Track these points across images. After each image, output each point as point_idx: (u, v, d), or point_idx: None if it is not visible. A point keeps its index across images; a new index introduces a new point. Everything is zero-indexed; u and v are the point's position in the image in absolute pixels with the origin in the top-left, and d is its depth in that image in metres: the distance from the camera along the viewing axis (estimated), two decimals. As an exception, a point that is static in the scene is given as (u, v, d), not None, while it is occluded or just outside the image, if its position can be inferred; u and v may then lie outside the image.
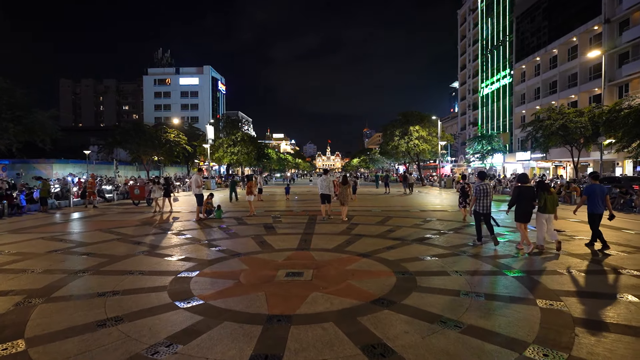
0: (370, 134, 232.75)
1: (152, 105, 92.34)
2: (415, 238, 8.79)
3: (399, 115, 39.18)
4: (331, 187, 12.94)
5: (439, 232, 9.71)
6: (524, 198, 7.34)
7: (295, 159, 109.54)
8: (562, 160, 40.57)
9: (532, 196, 7.40)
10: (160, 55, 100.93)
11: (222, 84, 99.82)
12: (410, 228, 10.27)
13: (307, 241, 8.39)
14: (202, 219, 11.97)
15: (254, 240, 8.52)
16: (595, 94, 37.74)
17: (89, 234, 9.79)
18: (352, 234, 9.24)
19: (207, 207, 12.47)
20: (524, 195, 7.34)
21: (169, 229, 10.30)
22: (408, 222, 11.51)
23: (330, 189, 12.73)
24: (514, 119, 52.67)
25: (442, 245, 8.05)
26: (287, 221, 11.76)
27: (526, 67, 49.55)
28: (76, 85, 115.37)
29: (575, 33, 39.47)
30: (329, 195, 12.61)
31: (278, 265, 6.29)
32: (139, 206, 17.54)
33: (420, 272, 5.89)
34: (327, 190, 12.58)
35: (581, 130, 29.11)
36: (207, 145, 36.15)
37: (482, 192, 7.81)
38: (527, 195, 7.35)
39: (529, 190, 7.41)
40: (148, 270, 6.11)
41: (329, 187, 12.68)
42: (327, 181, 12.69)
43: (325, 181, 12.65)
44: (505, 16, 56.00)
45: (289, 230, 10.08)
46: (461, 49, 73.30)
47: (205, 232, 9.73)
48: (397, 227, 10.45)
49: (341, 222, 11.44)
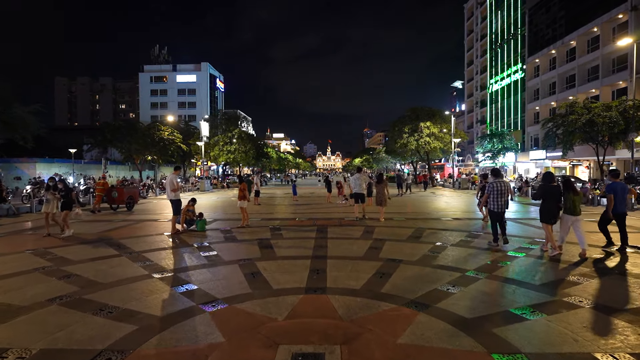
0: (370, 134, 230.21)
1: (148, 103, 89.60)
2: (478, 266, 6.05)
3: (407, 111, 36.48)
4: (365, 185, 12.09)
5: (504, 253, 6.98)
6: (550, 197, 7.01)
7: (296, 158, 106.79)
8: (580, 159, 37.94)
9: (558, 196, 6.98)
10: (157, 52, 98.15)
11: (220, 81, 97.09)
12: (459, 247, 7.52)
13: (321, 272, 5.67)
14: (180, 233, 9.24)
15: (242, 271, 5.80)
16: (619, 87, 35.03)
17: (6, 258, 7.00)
18: (383, 258, 6.52)
19: (187, 217, 9.74)
20: (550, 194, 7.01)
21: (127, 249, 7.55)
22: (448, 236, 8.78)
23: (364, 187, 12.01)
24: (527, 116, 49.96)
25: (531, 282, 5.28)
26: (289, 235, 9.04)
27: (540, 61, 46.85)
28: (72, 83, 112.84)
29: (597, 23, 36.76)
30: (363, 194, 11.97)
31: (277, 333, 3.58)
32: (116, 212, 14.83)
33: (544, 355, 3.16)
34: (360, 189, 11.96)
35: (610, 126, 26.51)
36: (201, 143, 33.35)
37: (496, 190, 7.52)
38: (553, 195, 6.99)
39: (555, 189, 7.04)
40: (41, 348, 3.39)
41: (362, 185, 12.01)
42: (360, 179, 12.04)
43: (359, 179, 12.03)
44: (516, 8, 53.30)
45: (292, 250, 7.36)
46: (468, 44, 70.57)
47: (176, 256, 6.99)
48: (439, 245, 7.72)
49: (360, 235, 8.77)
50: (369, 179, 17.44)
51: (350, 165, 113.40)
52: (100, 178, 18.71)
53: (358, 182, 12.05)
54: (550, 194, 6.99)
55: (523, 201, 19.18)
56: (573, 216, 6.74)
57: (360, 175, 12.32)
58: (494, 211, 7.60)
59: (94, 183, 20.95)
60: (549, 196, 7.00)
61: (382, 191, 11.48)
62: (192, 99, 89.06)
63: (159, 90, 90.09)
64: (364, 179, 12.41)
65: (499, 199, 7.52)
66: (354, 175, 12.57)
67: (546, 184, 7.15)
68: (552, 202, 6.97)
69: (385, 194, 11.57)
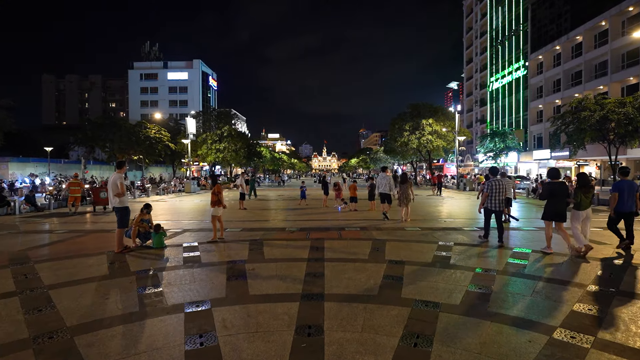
0: (366, 134, 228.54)
1: (137, 101, 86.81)
2: (568, 319, 3.87)
3: (408, 108, 34.36)
4: (392, 185, 11.83)
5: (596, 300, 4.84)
6: (556, 195, 6.75)
7: (291, 159, 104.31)
8: (587, 159, 36.17)
9: (564, 193, 6.78)
10: (147, 49, 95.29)
11: (213, 79, 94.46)
12: (516, 277, 5.35)
13: (314, 334, 3.46)
14: (129, 250, 6.98)
15: (187, 331, 3.57)
16: (630, 83, 33.28)
17: None
18: (409, 299, 4.33)
19: (140, 228, 7.48)
20: (556, 192, 6.75)
21: (35, 281, 5.25)
22: (489, 256, 6.62)
23: (391, 187, 11.77)
24: (529, 114, 48.19)
25: None
26: (273, 254, 6.81)
27: (544, 58, 45.09)
28: (60, 81, 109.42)
29: (605, 16, 35.02)
30: (389, 194, 11.71)
31: None
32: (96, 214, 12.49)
33: None
34: (387, 189, 11.74)
35: (625, 123, 24.69)
36: (187, 141, 30.95)
37: (494, 188, 7.52)
38: (559, 192, 6.74)
39: (561, 186, 6.81)
40: None
41: (389, 185, 11.77)
42: (386, 179, 11.85)
43: (385, 179, 11.88)
44: (518, 4, 51.52)
45: (273, 283, 5.10)
46: (467, 42, 68.76)
47: (97, 296, 4.68)
48: (484, 274, 5.55)
49: (368, 254, 6.59)
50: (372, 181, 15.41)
51: (347, 166, 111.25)
52: (72, 177, 16.49)
53: (384, 182, 11.84)
54: (557, 192, 6.74)
55: (537, 203, 17.12)
56: (582, 211, 6.72)
57: (386, 175, 12.12)
58: (489, 209, 7.62)
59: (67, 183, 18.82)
60: (554, 195, 6.76)
61: (406, 191, 11.04)
62: (184, 97, 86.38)
63: (149, 88, 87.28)
64: (390, 178, 12.07)
65: (496, 197, 7.51)
66: (380, 175, 12.44)
67: (552, 182, 6.93)
68: (559, 200, 6.74)
69: (410, 193, 11.10)
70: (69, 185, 14.86)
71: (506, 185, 10.73)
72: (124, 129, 35.73)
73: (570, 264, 5.99)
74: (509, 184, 11.02)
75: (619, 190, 7.05)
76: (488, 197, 7.57)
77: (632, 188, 7.06)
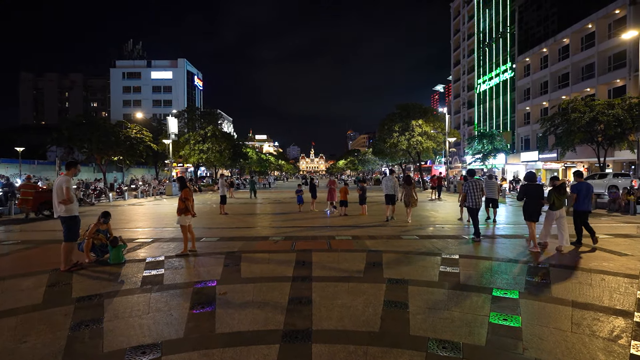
0: (354, 136, 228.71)
1: (120, 100, 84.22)
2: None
3: (397, 108, 33.62)
4: (397, 187, 12.14)
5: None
6: (531, 197, 7.27)
7: (278, 160, 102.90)
8: (574, 161, 36.22)
9: (539, 195, 7.27)
10: (130, 47, 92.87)
11: (198, 79, 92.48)
12: (538, 302, 4.46)
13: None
14: (79, 267, 5.86)
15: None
16: (617, 85, 33.35)
17: None
18: (419, 337, 3.40)
19: (96, 241, 6.35)
20: (531, 194, 7.28)
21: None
22: (501, 273, 5.74)
23: (396, 189, 12.09)
24: (517, 116, 48.21)
25: None
26: (252, 271, 5.77)
27: (531, 60, 45.15)
28: (38, 79, 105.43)
29: (592, 19, 35.10)
30: (394, 195, 12.05)
31: None
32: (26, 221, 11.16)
33: None
34: (392, 191, 12.06)
35: (614, 125, 24.56)
36: (169, 141, 29.53)
37: (471, 188, 8.19)
38: (534, 194, 7.27)
39: (536, 188, 7.31)
40: None
41: (394, 187, 12.08)
42: (392, 181, 12.16)
43: (391, 181, 12.18)
44: (505, 6, 51.63)
45: (248, 313, 4.08)
46: (454, 44, 68.84)
47: (15, 339, 3.61)
48: (502, 298, 4.64)
49: (363, 270, 5.64)
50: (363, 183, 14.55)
51: (334, 168, 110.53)
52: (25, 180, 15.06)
53: (390, 184, 12.10)
54: (533, 194, 7.25)
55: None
56: (556, 211, 7.20)
57: (392, 177, 12.40)
58: (471, 207, 8.23)
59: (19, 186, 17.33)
60: (531, 195, 7.26)
61: (410, 193, 11.24)
62: (168, 96, 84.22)
63: (132, 87, 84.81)
64: (395, 180, 12.34)
65: (474, 196, 8.18)
66: (386, 177, 12.79)
67: (528, 184, 7.40)
68: (534, 201, 7.23)
69: (413, 195, 11.24)
70: (20, 187, 13.50)
71: (491, 186, 11.61)
72: (102, 129, 34.05)
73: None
74: (495, 186, 11.67)
75: (577, 191, 7.67)
76: (467, 196, 8.24)
77: (588, 189, 7.70)
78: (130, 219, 13.07)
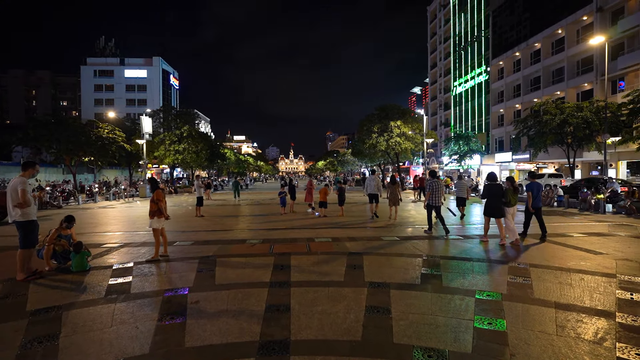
0: (333, 137, 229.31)
1: (91, 99, 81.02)
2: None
3: (376, 109, 33.80)
4: (380, 186, 12.80)
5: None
6: (492, 195, 7.96)
7: (257, 161, 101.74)
8: (546, 162, 37.46)
9: (499, 193, 7.94)
10: (102, 44, 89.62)
11: (174, 77, 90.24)
12: (539, 307, 4.39)
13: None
14: (38, 276, 5.39)
15: None
16: (584, 89, 34.75)
17: None
18: (403, 344, 3.24)
19: (57, 247, 5.88)
20: (493, 192, 7.95)
21: None
22: (482, 274, 5.68)
23: (379, 188, 12.72)
24: (491, 118, 49.54)
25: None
26: (226, 277, 5.47)
27: (504, 63, 46.51)
28: (2, 76, 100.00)
29: (562, 24, 36.46)
30: (377, 194, 12.60)
31: None
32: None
33: None
34: (375, 190, 12.62)
35: (583, 127, 25.57)
36: (142, 141, 28.51)
37: (434, 187, 9.02)
38: (496, 192, 7.94)
39: (497, 188, 7.99)
40: None
41: (377, 186, 12.66)
42: (375, 181, 12.78)
43: (374, 181, 12.78)
44: (480, 10, 52.98)
45: (222, 323, 3.77)
46: (431, 47, 70.13)
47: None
48: (491, 300, 4.56)
49: (344, 274, 5.45)
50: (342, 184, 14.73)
51: (314, 169, 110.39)
52: None
53: (373, 184, 12.70)
54: (495, 192, 7.94)
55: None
56: (512, 208, 7.99)
57: (375, 177, 13.07)
58: (431, 205, 9.09)
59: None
60: (493, 194, 7.94)
61: (395, 192, 11.81)
62: (143, 95, 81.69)
63: (104, 86, 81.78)
64: (378, 180, 13.00)
65: (436, 195, 9.05)
66: (369, 177, 13.44)
67: (490, 184, 8.05)
68: (495, 199, 7.92)
69: (397, 194, 11.84)
70: None
71: (461, 186, 12.86)
72: (72, 129, 32.46)
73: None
74: (464, 186, 12.84)
75: (530, 190, 8.50)
76: (430, 195, 9.03)
77: (539, 188, 8.60)
78: (100, 222, 12.42)
